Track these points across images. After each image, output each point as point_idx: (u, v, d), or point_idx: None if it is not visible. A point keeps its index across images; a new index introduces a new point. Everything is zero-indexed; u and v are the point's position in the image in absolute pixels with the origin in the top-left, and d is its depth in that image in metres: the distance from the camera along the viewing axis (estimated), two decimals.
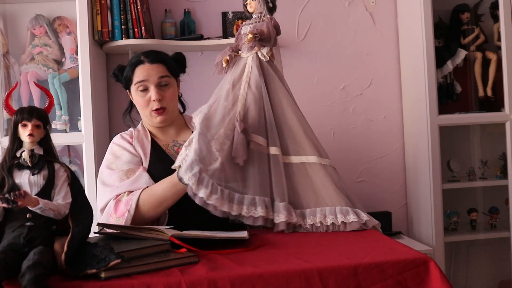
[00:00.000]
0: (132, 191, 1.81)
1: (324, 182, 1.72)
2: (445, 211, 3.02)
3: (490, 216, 3.12)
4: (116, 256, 1.20)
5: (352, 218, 1.65)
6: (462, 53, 3.06)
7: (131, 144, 1.98)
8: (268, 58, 1.82)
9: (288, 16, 3.20)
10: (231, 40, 2.97)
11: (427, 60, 2.91)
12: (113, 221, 1.75)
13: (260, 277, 1.22)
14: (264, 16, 1.82)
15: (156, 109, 1.96)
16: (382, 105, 3.27)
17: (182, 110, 2.16)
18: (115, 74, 2.06)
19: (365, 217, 1.67)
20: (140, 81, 1.95)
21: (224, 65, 1.83)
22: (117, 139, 2.02)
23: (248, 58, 1.82)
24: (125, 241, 1.39)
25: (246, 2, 1.85)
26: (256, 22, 1.82)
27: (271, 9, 1.82)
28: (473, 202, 3.17)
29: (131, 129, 2.07)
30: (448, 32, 3.14)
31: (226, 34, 3.08)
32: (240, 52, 1.86)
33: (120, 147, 1.97)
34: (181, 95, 2.13)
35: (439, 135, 2.93)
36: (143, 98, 1.97)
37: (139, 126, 2.07)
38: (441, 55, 3.01)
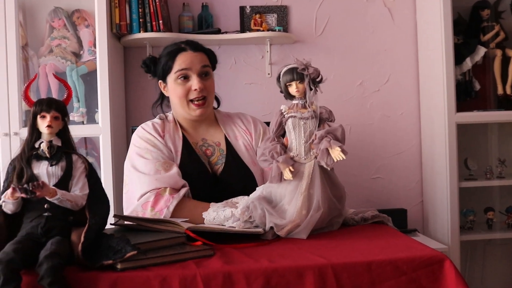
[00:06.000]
0: (173, 187, 1.77)
1: None
2: (462, 210, 2.99)
3: (507, 215, 3.09)
4: (132, 248, 1.21)
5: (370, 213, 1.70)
6: (481, 50, 3.02)
7: (162, 137, 1.92)
8: (331, 165, 1.51)
9: (306, 10, 3.19)
10: (248, 35, 2.98)
11: (446, 57, 2.88)
12: (147, 212, 1.72)
13: (275, 271, 1.22)
14: (318, 107, 1.58)
15: (197, 99, 1.91)
16: (400, 102, 3.25)
17: (216, 106, 2.12)
18: (146, 64, 2.00)
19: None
20: (182, 69, 1.91)
21: (289, 177, 1.49)
22: (148, 127, 1.95)
23: (306, 166, 1.53)
24: (141, 233, 1.39)
25: (290, 83, 1.58)
26: (310, 117, 1.56)
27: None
28: (490, 201, 3.13)
29: (161, 117, 2.01)
30: (468, 29, 3.10)
31: (244, 28, 3.08)
32: (291, 153, 1.54)
33: (154, 137, 1.91)
34: None
35: (456, 133, 2.90)
36: (183, 86, 1.91)
37: (170, 117, 2.01)
38: (460, 52, 2.98)
